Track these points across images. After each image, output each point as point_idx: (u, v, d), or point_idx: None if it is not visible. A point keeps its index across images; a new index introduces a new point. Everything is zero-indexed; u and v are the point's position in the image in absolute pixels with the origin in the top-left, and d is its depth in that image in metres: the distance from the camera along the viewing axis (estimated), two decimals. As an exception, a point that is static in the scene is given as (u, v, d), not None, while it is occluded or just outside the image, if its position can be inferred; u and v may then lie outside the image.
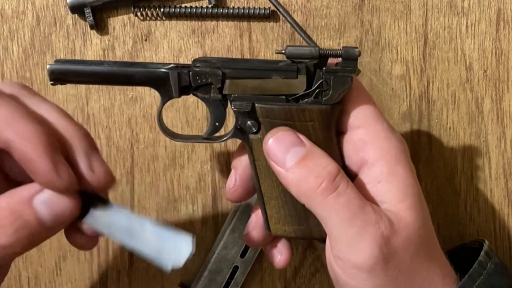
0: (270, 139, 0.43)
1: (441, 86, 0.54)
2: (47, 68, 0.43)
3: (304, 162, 0.42)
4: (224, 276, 0.55)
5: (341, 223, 0.41)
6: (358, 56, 0.42)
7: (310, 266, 0.56)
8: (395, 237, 0.41)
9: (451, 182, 0.55)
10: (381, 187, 0.42)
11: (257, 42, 0.54)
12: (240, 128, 0.44)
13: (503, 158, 0.55)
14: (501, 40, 0.54)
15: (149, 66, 0.44)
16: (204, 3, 0.54)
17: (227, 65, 0.43)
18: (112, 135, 0.55)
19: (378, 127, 0.43)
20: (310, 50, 0.42)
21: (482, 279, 0.43)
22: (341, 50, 0.42)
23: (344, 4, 0.53)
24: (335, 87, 0.43)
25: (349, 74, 0.42)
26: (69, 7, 0.52)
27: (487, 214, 0.55)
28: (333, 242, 0.42)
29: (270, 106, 0.43)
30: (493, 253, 0.46)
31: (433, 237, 0.44)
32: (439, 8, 0.53)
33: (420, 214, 0.42)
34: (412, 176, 0.43)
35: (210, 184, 0.55)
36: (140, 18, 0.54)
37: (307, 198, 0.42)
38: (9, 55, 0.54)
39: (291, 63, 0.43)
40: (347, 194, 0.41)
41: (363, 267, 0.41)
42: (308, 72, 0.43)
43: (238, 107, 0.43)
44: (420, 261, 0.42)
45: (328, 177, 0.41)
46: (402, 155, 0.43)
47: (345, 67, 0.42)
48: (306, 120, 0.43)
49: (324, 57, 0.43)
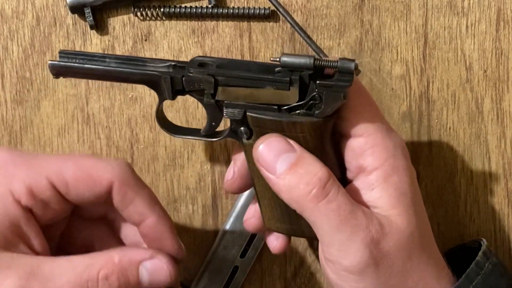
0: (261, 145, 0.42)
1: (441, 86, 0.54)
2: (48, 64, 0.44)
3: (295, 168, 0.41)
4: (224, 276, 0.55)
5: (332, 229, 0.41)
6: (354, 69, 0.41)
7: (310, 266, 0.56)
8: (385, 240, 0.41)
9: (451, 182, 0.55)
10: (374, 194, 0.42)
11: (257, 42, 0.54)
12: (234, 131, 0.44)
13: (503, 158, 0.55)
14: (501, 40, 0.54)
15: (147, 64, 0.44)
16: (204, 3, 0.54)
17: (220, 72, 0.43)
18: (112, 135, 0.55)
19: (377, 136, 0.43)
20: (305, 61, 0.41)
21: (479, 279, 0.43)
22: (337, 61, 0.41)
23: (344, 4, 0.53)
24: (327, 102, 0.41)
25: (342, 90, 0.41)
26: (69, 7, 0.52)
27: (487, 214, 0.55)
28: (325, 247, 0.42)
29: (261, 116, 0.43)
30: (492, 253, 0.46)
31: (430, 239, 0.44)
32: (439, 8, 0.53)
33: (413, 219, 0.42)
34: (408, 183, 0.43)
35: (210, 184, 0.55)
36: (140, 18, 0.54)
37: (297, 205, 0.42)
38: (9, 55, 0.54)
39: (287, 71, 0.42)
40: (338, 200, 0.41)
41: (354, 270, 0.41)
42: (301, 83, 0.42)
43: (229, 115, 0.43)
44: (414, 264, 0.42)
45: (318, 184, 0.41)
46: (400, 163, 0.43)
47: (340, 80, 0.41)
48: (297, 132, 0.42)
49: (319, 68, 0.41)
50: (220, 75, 0.43)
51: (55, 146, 0.55)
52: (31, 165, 0.42)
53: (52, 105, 0.54)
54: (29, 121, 0.55)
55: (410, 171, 0.44)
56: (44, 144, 0.55)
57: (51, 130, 0.55)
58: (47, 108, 0.54)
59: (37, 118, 0.55)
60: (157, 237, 0.44)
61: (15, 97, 0.54)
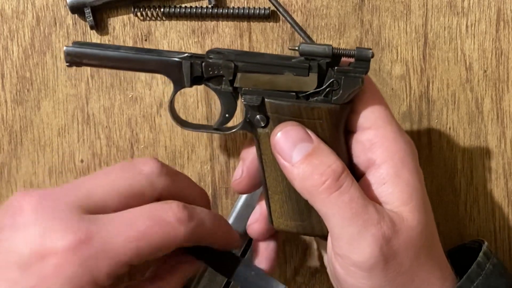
0: (279, 132, 0.43)
1: (441, 86, 0.54)
2: (64, 50, 0.44)
3: (310, 158, 0.42)
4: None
5: (343, 221, 0.41)
6: (371, 57, 0.42)
7: (310, 266, 0.56)
8: (396, 238, 0.41)
9: (451, 182, 0.55)
10: (385, 189, 0.42)
11: (257, 42, 0.54)
12: (249, 121, 0.44)
13: (503, 158, 0.55)
14: (501, 40, 0.54)
15: (163, 54, 0.44)
16: (204, 3, 0.54)
17: (239, 58, 0.44)
18: (112, 135, 0.55)
19: (387, 129, 0.43)
20: (324, 49, 0.42)
21: (480, 280, 0.43)
22: (354, 50, 0.42)
23: (344, 4, 0.53)
24: (345, 87, 0.43)
25: (360, 75, 0.42)
26: (69, 7, 0.52)
27: (487, 214, 0.55)
28: (334, 240, 0.42)
29: (279, 102, 0.43)
30: (492, 253, 0.46)
31: (436, 239, 0.44)
32: (439, 8, 0.53)
33: (423, 217, 0.42)
34: (418, 180, 0.43)
35: (210, 184, 0.55)
36: (140, 18, 0.54)
37: (310, 195, 0.42)
38: (9, 55, 0.54)
39: (304, 60, 0.43)
40: (351, 193, 0.41)
41: (363, 266, 0.41)
42: (320, 70, 0.43)
43: (248, 101, 0.43)
44: (420, 263, 0.42)
45: (332, 175, 0.41)
46: (409, 158, 0.43)
47: (357, 67, 0.42)
48: (315, 118, 0.43)
49: (337, 56, 0.43)
50: (240, 60, 0.43)
51: (55, 146, 0.55)
52: (106, 251, 0.38)
53: (52, 105, 0.54)
54: (29, 121, 0.55)
55: (419, 169, 0.44)
56: (44, 144, 0.55)
57: (51, 130, 0.55)
58: (47, 108, 0.54)
59: (37, 118, 0.55)
60: (225, 237, 0.46)
61: (15, 97, 0.54)
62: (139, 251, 0.39)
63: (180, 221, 0.40)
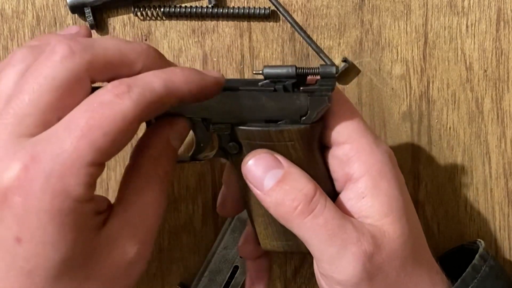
0: (249, 161, 0.42)
1: (441, 86, 0.54)
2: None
3: (281, 184, 0.41)
4: (224, 276, 0.55)
5: (320, 243, 0.41)
6: (336, 74, 0.41)
7: (310, 266, 0.56)
8: (379, 253, 0.40)
9: (451, 182, 0.55)
10: (365, 202, 0.42)
11: (257, 42, 0.54)
12: (223, 148, 0.44)
13: (503, 158, 0.55)
14: (501, 40, 0.54)
15: None
16: (204, 3, 0.54)
17: None
18: (112, 135, 0.55)
19: (362, 142, 0.42)
20: (287, 70, 0.42)
21: (475, 283, 0.43)
22: (318, 68, 0.42)
23: (344, 4, 0.53)
24: (312, 106, 0.42)
25: (326, 93, 0.41)
26: (69, 7, 0.52)
27: (487, 214, 0.55)
28: (317, 261, 0.42)
29: (249, 128, 0.42)
30: (489, 255, 0.46)
31: (422, 246, 0.44)
32: (439, 8, 0.53)
33: (405, 227, 0.42)
34: (398, 189, 0.42)
35: (210, 184, 0.55)
36: (140, 18, 0.54)
37: (285, 221, 0.41)
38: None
39: (269, 83, 0.42)
40: (324, 215, 0.40)
41: (348, 284, 0.41)
42: (285, 92, 0.42)
43: (218, 131, 0.43)
44: (407, 273, 0.42)
45: (304, 200, 0.41)
46: (387, 168, 0.42)
47: (323, 85, 0.42)
48: (286, 140, 0.42)
49: (302, 76, 0.42)
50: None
51: (55, 146, 0.55)
52: (62, 163, 0.36)
53: (52, 105, 0.54)
54: (29, 121, 0.55)
55: (399, 177, 0.43)
56: (44, 144, 0.55)
57: (51, 130, 0.55)
58: (47, 108, 0.54)
59: (37, 118, 0.55)
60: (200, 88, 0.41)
61: (15, 97, 0.54)
62: (96, 145, 0.36)
63: (118, 95, 0.37)
